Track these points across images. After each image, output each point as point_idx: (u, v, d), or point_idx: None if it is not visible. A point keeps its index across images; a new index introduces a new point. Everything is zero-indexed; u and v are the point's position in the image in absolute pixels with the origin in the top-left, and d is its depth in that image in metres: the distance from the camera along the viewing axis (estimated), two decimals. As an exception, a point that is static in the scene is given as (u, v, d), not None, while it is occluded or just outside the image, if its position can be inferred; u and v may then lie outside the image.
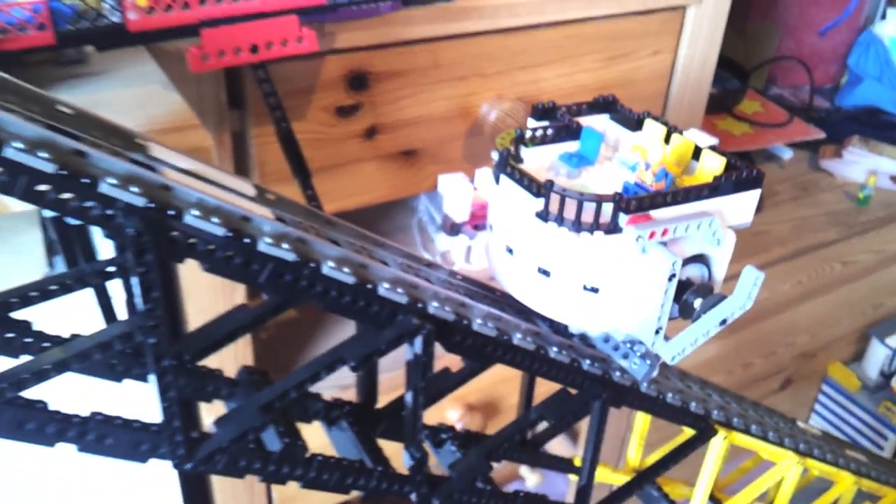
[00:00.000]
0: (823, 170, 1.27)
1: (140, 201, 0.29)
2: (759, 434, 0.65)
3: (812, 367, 1.31)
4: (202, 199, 0.31)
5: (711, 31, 0.79)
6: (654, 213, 0.38)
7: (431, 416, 0.45)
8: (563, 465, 0.57)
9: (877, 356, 1.32)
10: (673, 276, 0.38)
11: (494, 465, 0.49)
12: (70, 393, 0.38)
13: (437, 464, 0.49)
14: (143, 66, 0.47)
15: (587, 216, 0.38)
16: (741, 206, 0.42)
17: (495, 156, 0.42)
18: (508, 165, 0.41)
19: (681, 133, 0.43)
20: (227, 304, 0.57)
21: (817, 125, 1.26)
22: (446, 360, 0.44)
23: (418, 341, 0.39)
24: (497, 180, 0.42)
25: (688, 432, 0.61)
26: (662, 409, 0.56)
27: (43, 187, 0.27)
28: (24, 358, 0.33)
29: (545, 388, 0.50)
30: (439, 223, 0.61)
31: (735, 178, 0.41)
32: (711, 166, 0.41)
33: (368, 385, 0.49)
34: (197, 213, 0.30)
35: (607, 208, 0.37)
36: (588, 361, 0.48)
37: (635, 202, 0.38)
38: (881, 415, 1.29)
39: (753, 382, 1.22)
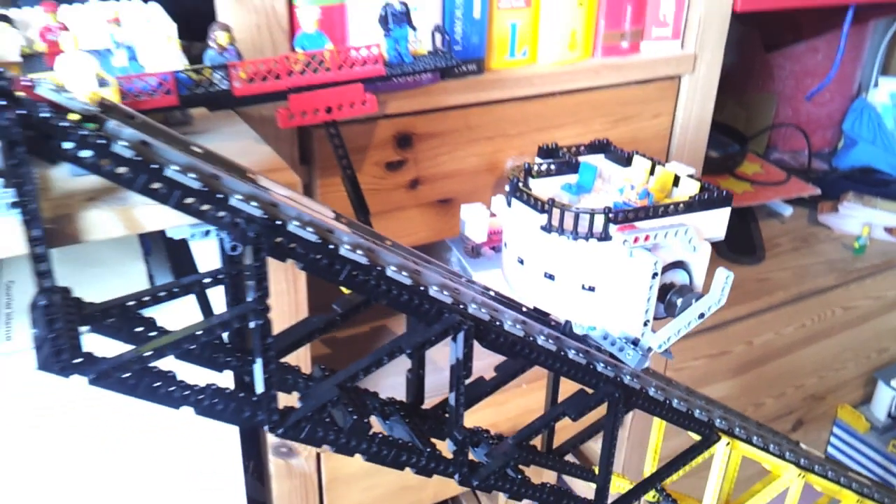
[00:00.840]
0: (822, 224, 1.33)
1: (258, 212, 0.37)
2: (761, 445, 0.70)
3: (822, 408, 1.35)
4: (300, 214, 0.40)
5: (704, 96, 0.88)
6: (638, 223, 0.45)
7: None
8: (585, 473, 0.62)
9: (884, 399, 1.35)
10: (655, 274, 0.45)
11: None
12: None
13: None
14: (236, 126, 0.57)
15: (583, 226, 0.45)
16: (714, 222, 0.49)
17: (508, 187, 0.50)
18: (518, 190, 0.49)
19: (663, 165, 0.51)
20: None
21: (815, 184, 1.34)
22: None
23: (460, 336, 0.47)
24: (509, 203, 0.50)
25: (694, 439, 0.66)
26: (669, 413, 0.62)
27: (189, 199, 0.36)
28: (157, 341, 0.41)
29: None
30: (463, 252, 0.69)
31: (707, 198, 0.48)
32: (688, 190, 0.49)
33: (417, 387, 0.57)
34: (297, 223, 0.39)
35: (599, 219, 0.45)
36: (602, 364, 0.55)
37: (622, 214, 0.45)
38: (891, 453, 1.32)
39: (766, 422, 1.26)
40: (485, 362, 0.55)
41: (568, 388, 0.57)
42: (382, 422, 0.56)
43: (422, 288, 0.45)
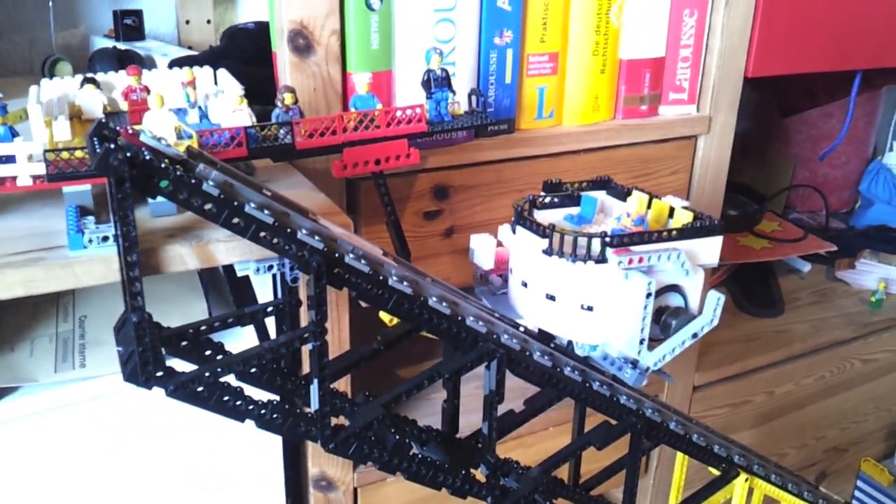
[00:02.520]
0: (839, 279, 1.35)
1: (320, 245, 0.42)
2: (779, 483, 0.72)
3: (845, 461, 1.34)
4: (355, 248, 0.44)
5: (719, 155, 0.92)
6: (633, 247, 0.48)
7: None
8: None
9: (907, 453, 1.35)
10: (650, 294, 0.47)
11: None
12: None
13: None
14: (293, 177, 0.62)
15: (581, 249, 0.48)
16: (707, 249, 0.52)
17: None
18: (522, 218, 0.52)
19: (660, 199, 0.54)
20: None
21: (832, 242, 1.36)
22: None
23: (493, 364, 0.51)
24: (514, 230, 0.53)
25: (713, 474, 0.68)
26: (689, 447, 0.64)
27: (263, 233, 0.41)
28: (226, 361, 0.46)
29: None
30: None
31: (699, 225, 0.51)
32: (682, 219, 0.52)
33: (452, 416, 0.60)
34: (352, 256, 0.44)
35: (597, 243, 0.48)
36: (625, 397, 0.58)
37: (618, 238, 0.48)
38: (916, 508, 1.30)
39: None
40: (513, 404, 0.58)
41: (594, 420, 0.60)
42: (420, 448, 0.59)
43: (460, 318, 0.49)
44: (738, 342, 1.15)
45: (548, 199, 0.56)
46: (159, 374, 0.41)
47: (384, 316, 0.52)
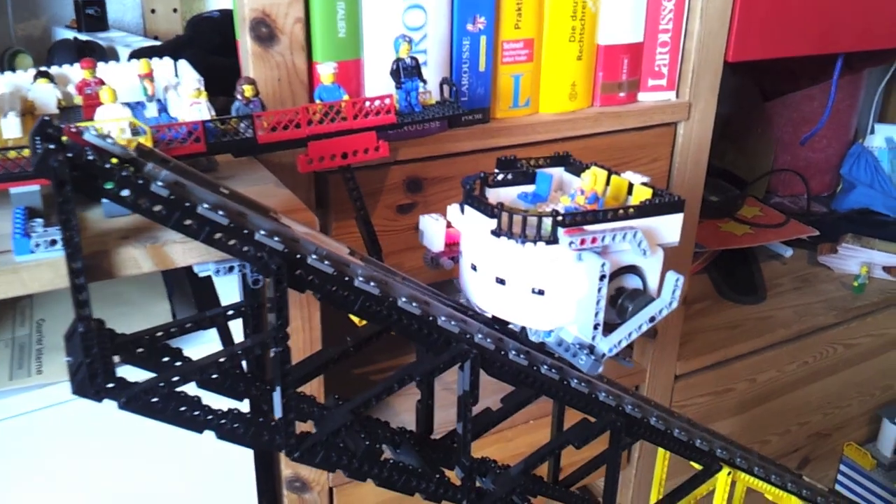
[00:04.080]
0: (821, 264, 1.35)
1: (280, 247, 0.40)
2: (762, 476, 0.71)
3: (828, 446, 1.34)
4: (318, 248, 0.42)
5: (699, 141, 0.90)
6: (586, 227, 0.45)
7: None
8: (590, 503, 0.63)
9: (889, 436, 1.35)
10: (603, 276, 0.45)
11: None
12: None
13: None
14: (257, 172, 0.60)
15: (531, 230, 0.45)
16: (667, 227, 0.48)
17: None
18: (471, 197, 0.49)
19: (619, 175, 0.51)
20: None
21: (814, 226, 1.35)
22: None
23: (468, 365, 0.49)
24: (463, 210, 0.50)
25: (695, 469, 0.67)
26: (670, 442, 0.63)
27: (218, 234, 0.39)
28: (184, 368, 0.44)
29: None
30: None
31: (658, 202, 0.47)
32: (641, 196, 0.49)
33: (426, 417, 0.59)
34: (315, 257, 0.42)
35: (547, 223, 0.45)
36: (603, 394, 0.57)
37: (570, 217, 0.45)
38: (898, 490, 1.31)
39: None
40: (491, 399, 0.57)
41: (573, 417, 0.58)
42: (393, 450, 0.57)
43: (431, 318, 0.47)
44: (720, 329, 1.14)
45: (500, 177, 0.52)
46: (110, 385, 0.39)
47: (353, 317, 0.50)
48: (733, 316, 1.18)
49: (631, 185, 0.50)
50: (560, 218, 0.45)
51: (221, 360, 0.42)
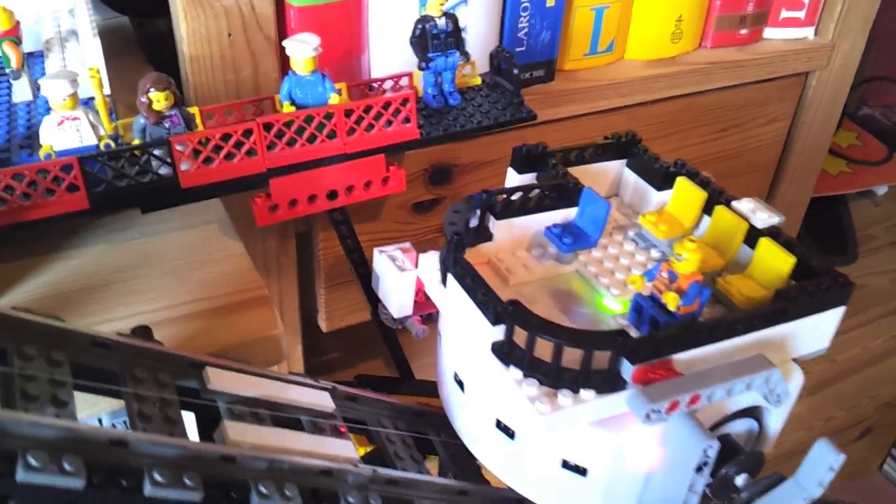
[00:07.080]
0: (924, 208, 1.12)
1: (196, 496, 0.20)
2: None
3: (894, 415, 1.18)
4: (272, 464, 0.22)
5: (833, 94, 0.66)
6: (677, 357, 0.25)
7: None
8: None
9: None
10: (704, 464, 0.25)
11: None
12: None
13: None
14: (203, 214, 0.36)
15: (570, 362, 0.24)
16: (816, 331, 0.28)
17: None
18: (455, 262, 0.27)
19: (728, 204, 0.29)
20: None
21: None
22: None
23: None
24: (444, 280, 0.28)
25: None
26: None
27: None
28: None
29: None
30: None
31: (813, 295, 0.27)
32: (773, 265, 0.27)
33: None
34: (266, 490, 0.22)
35: (602, 358, 0.24)
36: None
37: (646, 345, 0.24)
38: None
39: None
40: None
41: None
42: None
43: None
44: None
45: (517, 197, 0.30)
46: None
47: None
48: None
49: (753, 231, 0.29)
50: (629, 347, 0.24)
51: None
